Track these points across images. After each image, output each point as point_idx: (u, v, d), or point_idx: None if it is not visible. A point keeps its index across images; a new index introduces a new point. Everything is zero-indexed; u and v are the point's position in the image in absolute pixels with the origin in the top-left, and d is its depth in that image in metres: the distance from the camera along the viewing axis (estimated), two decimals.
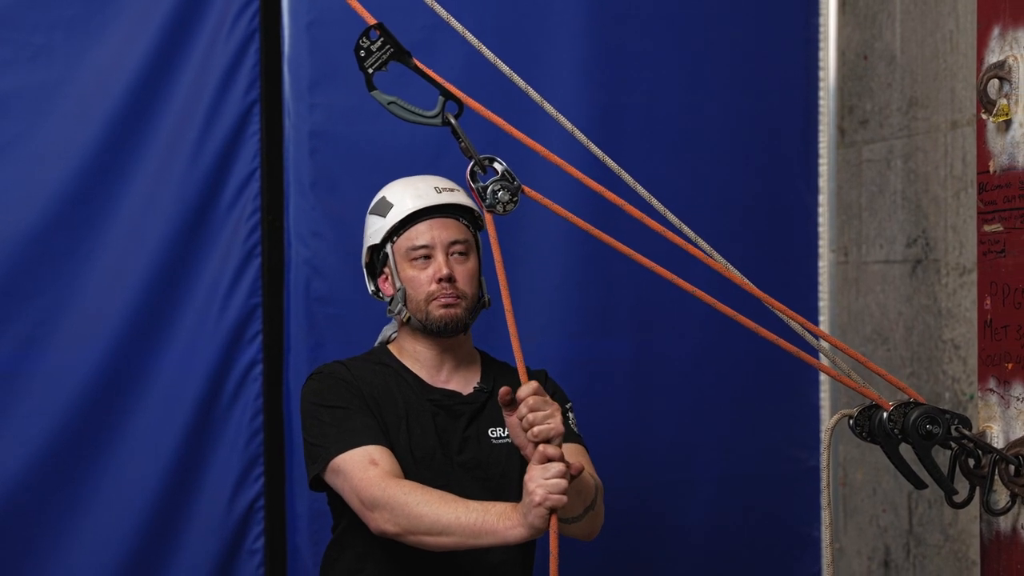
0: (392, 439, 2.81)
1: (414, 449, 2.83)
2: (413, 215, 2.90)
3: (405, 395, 2.88)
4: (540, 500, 2.42)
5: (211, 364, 3.64)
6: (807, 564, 4.17)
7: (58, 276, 3.52)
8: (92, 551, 3.53)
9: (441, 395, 2.91)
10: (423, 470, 2.80)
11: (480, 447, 2.89)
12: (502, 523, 2.52)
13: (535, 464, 2.45)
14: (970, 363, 3.45)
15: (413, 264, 2.88)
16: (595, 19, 3.94)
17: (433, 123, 2.43)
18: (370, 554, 2.84)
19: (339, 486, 2.76)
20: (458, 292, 2.87)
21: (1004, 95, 2.35)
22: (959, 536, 3.56)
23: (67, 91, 3.53)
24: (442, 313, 2.86)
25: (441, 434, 2.87)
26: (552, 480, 2.42)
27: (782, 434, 4.17)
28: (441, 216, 2.91)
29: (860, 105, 4.05)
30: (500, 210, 2.39)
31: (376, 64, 2.39)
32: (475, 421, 2.91)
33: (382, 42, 2.37)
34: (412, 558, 2.79)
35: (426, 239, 2.88)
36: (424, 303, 2.86)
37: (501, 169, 2.39)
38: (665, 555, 4.07)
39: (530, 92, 2.52)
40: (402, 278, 2.89)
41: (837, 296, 4.17)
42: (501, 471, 2.89)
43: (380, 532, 2.67)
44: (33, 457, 3.48)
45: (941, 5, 3.62)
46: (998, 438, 2.40)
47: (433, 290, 2.85)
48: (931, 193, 3.68)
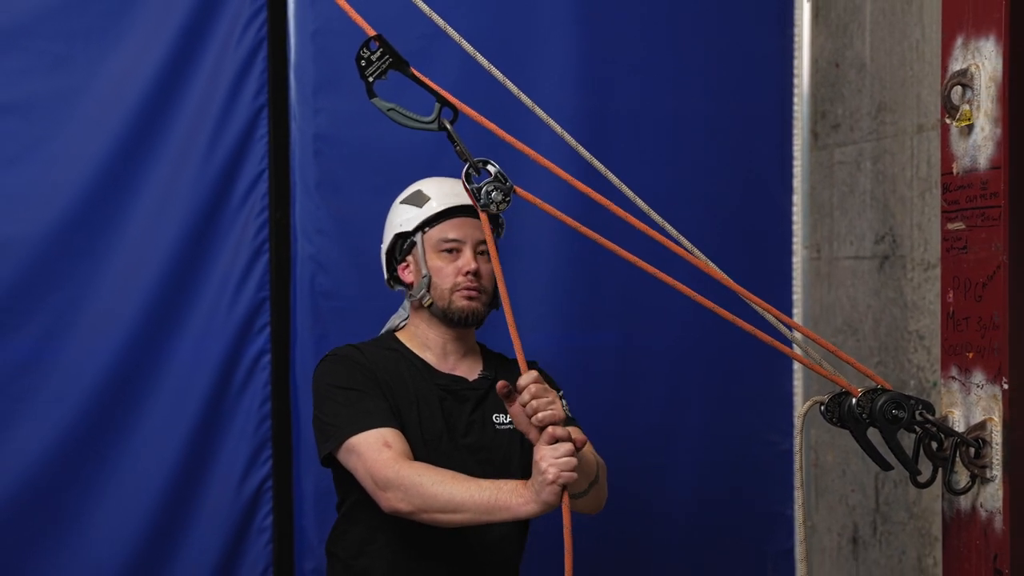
0: (403, 421, 2.82)
1: (424, 432, 2.83)
2: (450, 210, 2.91)
3: (415, 380, 2.89)
4: (553, 478, 2.45)
5: (222, 354, 3.64)
6: (781, 540, 4.18)
7: (77, 271, 3.53)
8: (111, 528, 3.54)
9: (448, 380, 2.92)
10: (431, 452, 2.81)
11: (484, 431, 2.91)
12: (514, 499, 2.54)
13: (544, 445, 2.47)
14: (934, 352, 3.46)
15: (441, 255, 2.89)
16: (584, 31, 3.95)
17: (430, 128, 2.43)
18: (380, 528, 2.84)
19: (352, 465, 2.76)
20: (480, 287, 2.89)
21: (966, 101, 2.35)
22: (923, 514, 3.57)
23: (85, 97, 3.54)
24: (464, 304, 2.88)
25: (448, 418, 2.88)
26: (563, 459, 2.45)
27: (758, 419, 4.18)
28: (473, 216, 2.91)
29: (832, 110, 4.05)
30: (493, 209, 2.40)
31: (376, 73, 2.39)
32: (480, 407, 2.92)
33: (381, 52, 2.38)
34: (419, 533, 2.79)
35: (458, 234, 2.90)
36: (449, 292, 2.87)
37: (494, 171, 2.40)
38: (648, 532, 4.08)
39: (522, 98, 2.52)
40: (429, 267, 2.89)
41: (810, 290, 4.18)
42: (503, 455, 2.90)
43: (392, 511, 2.67)
44: (55, 440, 3.49)
45: (908, 16, 3.62)
46: (959, 422, 2.41)
47: (459, 281, 2.87)
48: (898, 193, 3.68)
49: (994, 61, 2.31)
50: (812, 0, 4.15)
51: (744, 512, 4.17)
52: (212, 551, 3.61)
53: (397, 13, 2.59)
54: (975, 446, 2.35)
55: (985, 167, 2.33)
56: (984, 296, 2.34)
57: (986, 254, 2.33)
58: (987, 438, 2.35)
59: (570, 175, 2.46)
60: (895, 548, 3.72)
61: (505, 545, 2.93)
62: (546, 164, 2.46)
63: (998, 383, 2.33)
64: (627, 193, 2.56)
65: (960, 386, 2.41)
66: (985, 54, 2.33)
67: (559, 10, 3.92)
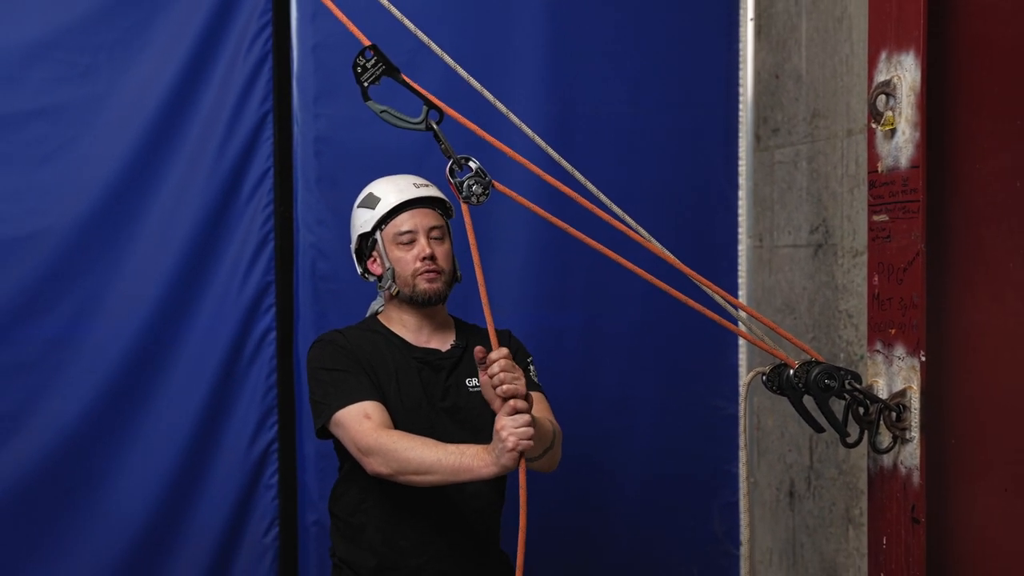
0: (385, 393, 2.84)
1: (404, 400, 2.86)
2: (398, 206, 2.93)
3: (394, 355, 2.91)
4: (512, 446, 2.49)
5: (233, 331, 3.64)
6: (727, 495, 4.20)
7: (104, 258, 3.53)
8: (135, 485, 3.54)
9: (424, 353, 2.94)
10: (412, 417, 2.83)
11: (459, 394, 2.93)
12: (476, 463, 2.58)
13: (505, 415, 2.50)
14: (861, 329, 3.48)
15: (400, 247, 2.91)
16: (553, 47, 3.94)
17: (418, 128, 2.44)
18: (371, 488, 2.87)
19: (340, 436, 2.80)
20: (438, 268, 2.92)
21: (890, 108, 2.37)
22: (851, 470, 3.59)
23: (110, 103, 3.53)
24: (426, 287, 2.90)
25: (426, 386, 2.90)
26: (521, 428, 2.49)
27: (707, 389, 4.19)
28: (421, 207, 2.96)
29: (772, 116, 4.06)
30: (474, 201, 2.41)
31: (370, 79, 2.40)
32: (454, 373, 2.95)
33: (375, 60, 2.38)
34: (405, 492, 2.81)
35: (410, 225, 2.92)
36: (411, 278, 2.90)
37: (475, 167, 2.41)
38: (609, 491, 4.10)
39: (498, 105, 2.53)
40: (391, 259, 2.92)
41: (753, 274, 4.18)
42: (477, 413, 2.92)
43: (375, 474, 2.70)
44: (85, 408, 3.49)
45: (839, 34, 3.63)
46: (883, 390, 2.43)
47: (418, 267, 2.90)
48: (830, 189, 3.69)
49: (913, 73, 2.33)
50: (755, 19, 4.14)
51: (694, 470, 4.18)
52: (225, 505, 3.62)
53: (389, 27, 2.59)
54: (896, 411, 2.37)
55: (906, 166, 2.34)
56: (905, 279, 2.36)
57: (906, 242, 2.35)
58: (907, 404, 2.36)
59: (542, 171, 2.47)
60: (827, 500, 3.74)
61: (480, 498, 2.95)
62: (521, 160, 2.47)
63: (916, 356, 2.35)
64: (590, 188, 2.57)
65: (884, 358, 2.43)
66: (906, 67, 2.34)
67: (531, 29, 3.92)
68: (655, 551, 4.14)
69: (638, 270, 2.49)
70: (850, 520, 3.60)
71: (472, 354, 2.94)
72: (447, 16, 3.78)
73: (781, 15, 3.98)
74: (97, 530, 3.51)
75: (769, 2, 4.06)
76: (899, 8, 2.36)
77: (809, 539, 3.83)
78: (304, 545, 3.71)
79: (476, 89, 2.49)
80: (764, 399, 4.12)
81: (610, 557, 4.08)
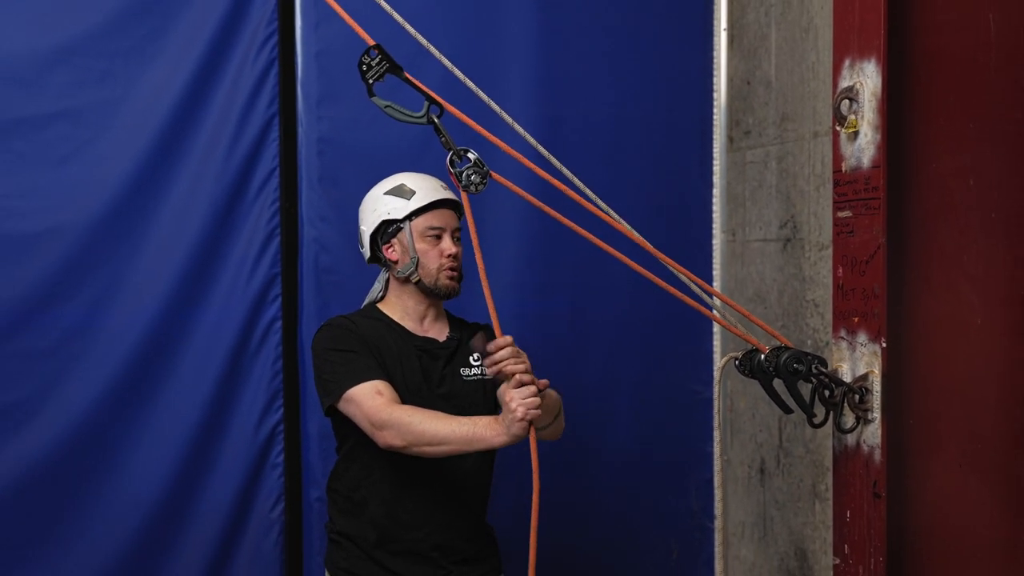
0: (390, 375, 2.85)
1: (407, 383, 2.87)
2: (434, 203, 2.95)
3: (396, 342, 2.92)
4: (522, 415, 2.52)
5: (241, 320, 3.64)
6: (702, 472, 4.21)
7: (120, 252, 3.51)
8: (149, 465, 3.54)
9: (423, 342, 2.95)
10: (413, 400, 2.84)
11: (455, 382, 2.95)
12: (488, 432, 2.61)
13: (512, 388, 2.53)
14: (826, 318, 3.48)
15: (427, 240, 2.92)
16: (544, 52, 3.94)
17: (420, 122, 2.44)
18: (373, 466, 2.88)
19: (352, 412, 2.79)
20: (458, 267, 2.94)
21: (853, 112, 2.38)
22: (817, 449, 3.60)
23: (126, 106, 3.51)
24: (448, 283, 2.94)
25: (425, 372, 2.91)
26: (528, 399, 2.51)
27: (683, 372, 4.19)
28: (448, 208, 2.96)
29: (744, 119, 4.07)
30: (473, 190, 2.42)
31: (375, 76, 2.40)
32: (450, 362, 2.97)
33: (380, 59, 2.38)
34: (407, 468, 2.83)
35: (441, 222, 2.94)
36: (436, 271, 2.92)
37: (474, 158, 2.42)
38: (593, 468, 4.10)
39: (492, 104, 2.55)
40: (417, 250, 2.92)
41: (727, 267, 4.19)
42: (470, 401, 2.94)
43: (388, 446, 2.71)
44: (103, 392, 3.48)
45: (805, 43, 3.64)
46: (847, 374, 2.44)
47: (443, 263, 2.92)
48: (798, 187, 3.70)
49: (875, 79, 2.34)
50: (728, 29, 4.15)
51: (672, 449, 4.18)
52: (234, 483, 3.62)
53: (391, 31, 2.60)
54: (859, 393, 2.39)
55: (868, 166, 2.36)
56: (867, 271, 2.37)
57: (868, 237, 2.37)
58: (869, 387, 2.38)
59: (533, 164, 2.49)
60: (795, 477, 3.75)
61: (477, 474, 2.97)
62: (514, 154, 2.49)
63: (878, 342, 2.36)
64: (577, 184, 2.59)
65: (848, 345, 2.45)
66: (868, 74, 2.35)
67: (524, 38, 3.92)
68: (636, 525, 4.14)
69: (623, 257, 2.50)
70: (816, 495, 3.61)
71: (466, 345, 2.97)
72: (446, 22, 3.78)
73: (752, 25, 3.98)
74: (115, 507, 3.50)
75: (741, 13, 4.06)
76: (861, 19, 2.38)
77: (779, 513, 3.85)
78: (308, 519, 3.71)
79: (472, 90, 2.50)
80: (737, 382, 4.12)
81: (594, 531, 4.09)
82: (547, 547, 3.97)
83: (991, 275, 2.37)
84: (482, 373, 2.97)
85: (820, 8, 3.53)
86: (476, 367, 2.98)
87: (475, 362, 2.99)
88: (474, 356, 2.99)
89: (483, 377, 2.97)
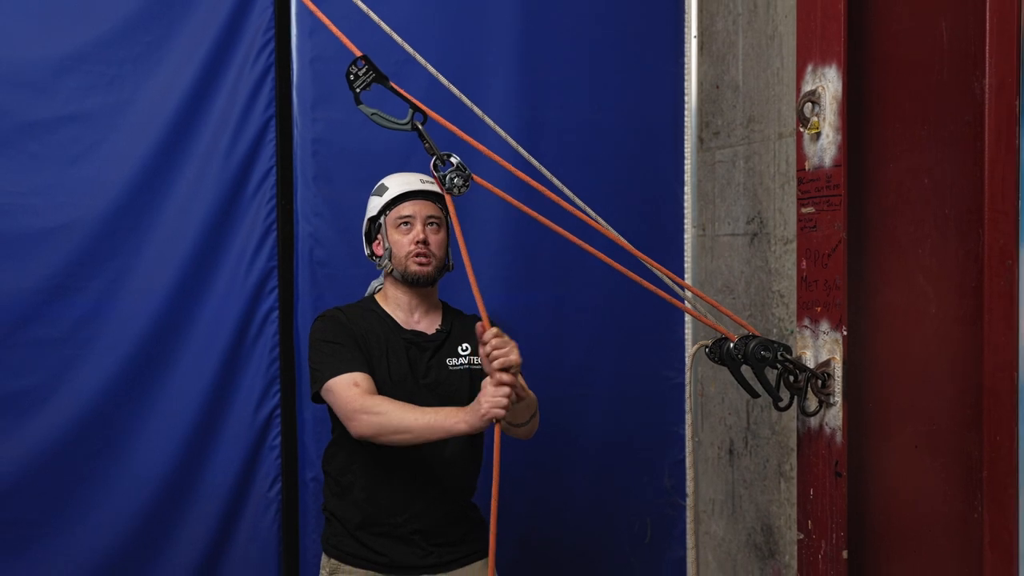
0: (375, 366, 2.85)
1: (392, 373, 2.87)
2: (402, 195, 2.95)
3: (386, 333, 2.92)
4: (484, 412, 2.56)
5: (240, 311, 3.63)
6: (675, 452, 4.22)
7: (126, 246, 3.51)
8: (153, 446, 3.54)
9: (412, 335, 2.95)
10: (398, 389, 2.84)
11: (440, 372, 2.94)
12: (449, 420, 2.63)
13: (491, 384, 2.54)
14: (791, 308, 3.49)
15: (398, 230, 2.93)
16: (524, 60, 3.93)
17: (404, 128, 2.43)
18: (358, 451, 2.88)
19: (331, 401, 2.81)
20: (429, 253, 2.92)
21: (815, 114, 2.38)
22: (783, 431, 3.61)
23: (133, 109, 3.51)
24: (416, 269, 2.91)
25: (412, 364, 2.91)
26: (498, 399, 2.53)
27: (657, 359, 4.19)
28: (422, 199, 2.96)
29: (714, 121, 4.07)
30: (456, 192, 2.41)
31: (362, 85, 2.39)
32: (436, 354, 2.96)
33: (366, 69, 2.38)
34: (389, 455, 2.83)
35: (409, 211, 2.94)
36: (404, 259, 2.91)
37: (456, 162, 2.41)
38: (572, 449, 4.10)
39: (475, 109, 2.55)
40: (390, 240, 2.93)
41: (697, 260, 4.18)
42: (454, 389, 2.94)
43: (359, 435, 2.72)
44: (110, 378, 3.48)
45: (771, 49, 3.64)
46: (811, 361, 2.45)
47: (412, 249, 2.91)
48: (764, 185, 3.70)
49: (836, 84, 2.35)
50: (698, 36, 4.14)
51: (646, 431, 4.19)
52: (234, 464, 3.61)
53: (380, 40, 2.60)
54: (822, 379, 2.40)
55: (829, 165, 2.37)
56: (829, 264, 2.38)
57: (830, 232, 2.37)
58: (831, 372, 2.39)
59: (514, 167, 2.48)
60: (761, 457, 3.76)
61: (457, 462, 2.96)
62: (495, 158, 2.48)
63: (839, 330, 2.37)
64: (557, 184, 2.59)
65: (811, 333, 2.46)
66: (829, 78, 2.36)
67: (505, 45, 3.91)
68: (612, 503, 4.15)
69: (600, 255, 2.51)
70: (782, 474, 3.63)
71: (453, 337, 2.97)
72: (432, 33, 3.78)
73: (721, 33, 3.98)
74: (122, 486, 3.50)
75: (710, 22, 4.06)
76: (823, 27, 2.38)
77: (746, 491, 3.86)
78: (304, 499, 3.70)
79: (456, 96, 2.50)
80: (707, 369, 4.12)
81: (572, 508, 4.09)
82: (527, 524, 4.00)
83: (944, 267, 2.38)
84: (468, 363, 2.97)
85: (784, 17, 3.53)
86: (463, 357, 2.98)
87: (463, 352, 2.99)
88: (463, 346, 2.99)
89: (469, 367, 2.97)
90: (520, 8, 3.95)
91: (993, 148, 2.34)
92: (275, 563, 3.67)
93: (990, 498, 2.37)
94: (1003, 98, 2.33)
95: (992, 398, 2.37)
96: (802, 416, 2.47)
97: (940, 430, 2.42)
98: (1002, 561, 2.36)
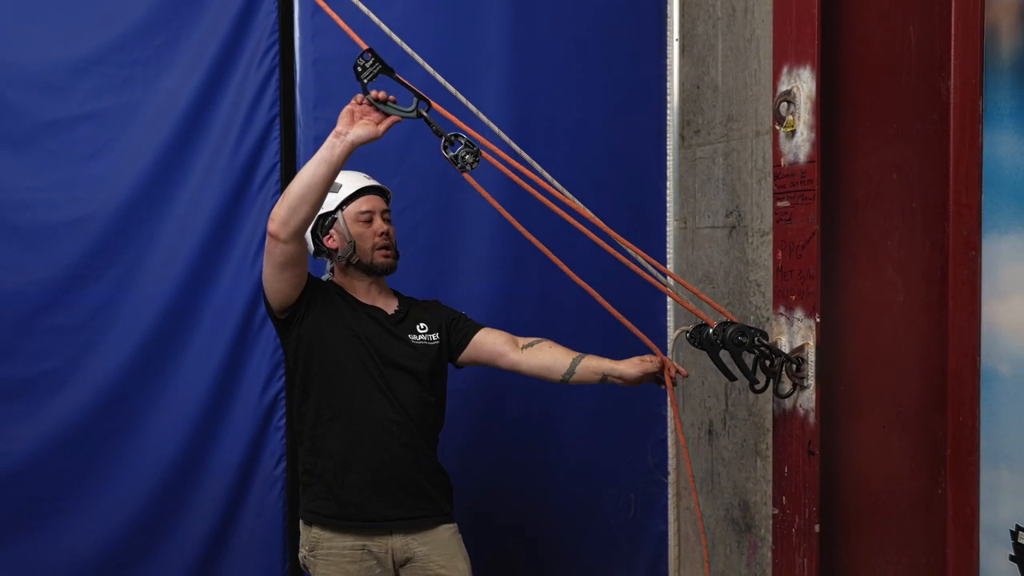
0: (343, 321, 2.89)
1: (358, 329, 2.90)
2: (360, 190, 2.97)
3: (349, 304, 2.94)
4: (343, 129, 2.58)
5: (246, 299, 3.61)
6: (658, 432, 4.21)
7: (139, 238, 3.50)
8: (166, 428, 3.54)
9: (372, 309, 2.97)
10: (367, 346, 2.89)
11: (402, 344, 2.95)
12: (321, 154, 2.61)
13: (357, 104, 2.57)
14: (767, 296, 3.49)
15: (360, 224, 2.94)
16: (517, 59, 3.92)
17: (410, 116, 2.47)
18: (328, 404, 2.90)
19: (264, 265, 2.79)
20: (391, 244, 2.96)
21: (790, 113, 2.38)
22: (759, 412, 3.61)
23: (144, 109, 3.50)
24: (383, 260, 2.96)
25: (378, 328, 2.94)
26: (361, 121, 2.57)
27: (640, 344, 4.17)
28: (374, 194, 3.00)
29: (695, 120, 4.07)
30: (468, 168, 2.42)
31: (369, 77, 2.41)
32: (399, 326, 2.98)
33: (373, 61, 2.38)
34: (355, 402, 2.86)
35: (370, 206, 2.97)
36: (371, 251, 2.94)
37: (464, 140, 2.42)
38: (558, 432, 4.09)
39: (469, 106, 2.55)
40: (352, 234, 2.93)
41: (679, 251, 4.17)
42: (420, 356, 2.96)
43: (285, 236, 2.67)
44: (124, 363, 3.48)
45: (748, 52, 3.64)
46: (785, 346, 2.46)
47: (377, 242, 2.94)
48: (742, 180, 3.70)
49: (810, 84, 2.35)
50: (680, 39, 4.13)
51: (631, 413, 4.18)
52: (241, 443, 3.61)
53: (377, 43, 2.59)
54: (796, 363, 2.41)
55: (804, 161, 2.37)
56: (803, 255, 2.38)
57: (804, 224, 2.38)
58: (805, 357, 2.40)
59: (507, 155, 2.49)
60: (739, 437, 3.76)
61: (422, 406, 2.94)
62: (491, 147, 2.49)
63: (813, 318, 2.38)
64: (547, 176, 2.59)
65: (786, 320, 2.46)
66: (803, 79, 2.36)
67: (499, 45, 3.90)
68: (598, 480, 4.14)
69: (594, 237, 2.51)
70: (758, 453, 3.63)
71: (411, 317, 2.99)
72: (429, 35, 3.75)
73: (701, 36, 3.98)
74: (135, 465, 3.50)
75: (691, 25, 4.06)
76: (798, 31, 2.38)
77: (725, 469, 3.86)
78: None
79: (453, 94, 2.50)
80: (688, 353, 4.11)
81: (560, 487, 4.09)
82: (518, 499, 4.00)
83: (911, 258, 2.39)
84: (426, 340, 2.98)
85: (761, 21, 3.53)
86: (423, 335, 2.99)
87: (421, 331, 2.99)
88: (420, 326, 2.99)
89: (429, 343, 2.98)
90: (512, 13, 3.93)
91: (958, 145, 2.35)
92: (280, 537, 3.67)
93: (953, 475, 2.38)
94: (967, 98, 2.33)
95: (956, 381, 2.38)
96: (777, 398, 2.48)
97: (907, 411, 2.43)
98: (964, 534, 2.37)
